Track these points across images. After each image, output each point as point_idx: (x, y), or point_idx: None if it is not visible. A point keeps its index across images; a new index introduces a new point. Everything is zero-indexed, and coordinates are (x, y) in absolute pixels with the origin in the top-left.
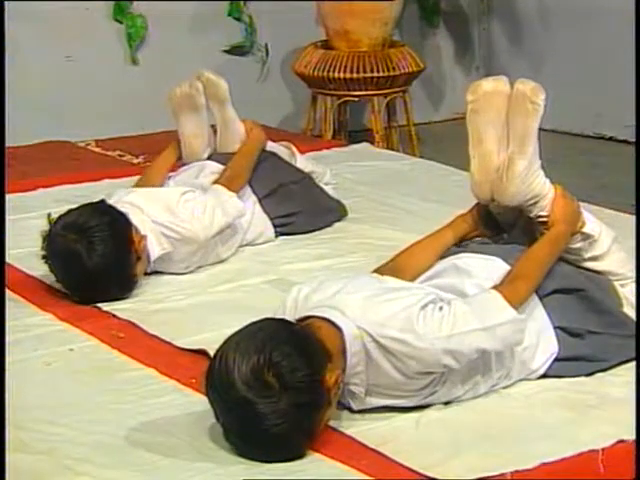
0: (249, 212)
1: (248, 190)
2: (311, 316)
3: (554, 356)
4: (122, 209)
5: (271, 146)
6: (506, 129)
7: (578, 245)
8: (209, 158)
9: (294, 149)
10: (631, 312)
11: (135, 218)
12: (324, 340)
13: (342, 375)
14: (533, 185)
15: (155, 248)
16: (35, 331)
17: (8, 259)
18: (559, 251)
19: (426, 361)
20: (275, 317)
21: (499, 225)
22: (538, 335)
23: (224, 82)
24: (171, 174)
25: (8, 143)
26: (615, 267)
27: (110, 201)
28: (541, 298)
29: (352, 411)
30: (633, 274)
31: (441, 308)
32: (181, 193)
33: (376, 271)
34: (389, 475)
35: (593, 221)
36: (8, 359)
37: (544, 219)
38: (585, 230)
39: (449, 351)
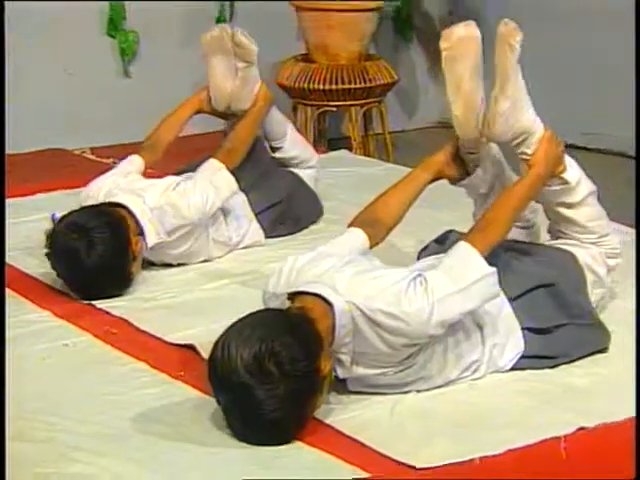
0: (244, 228)
1: (247, 207)
2: (304, 292)
3: (520, 354)
4: (124, 199)
5: (272, 113)
6: (482, 70)
7: (554, 188)
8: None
9: (291, 127)
10: (591, 275)
11: (137, 208)
12: (317, 321)
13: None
14: (520, 123)
15: (152, 236)
16: (33, 327)
17: (8, 259)
18: (535, 194)
19: (412, 333)
20: (274, 308)
21: (465, 166)
22: (507, 335)
23: (255, 46)
24: (178, 178)
25: (8, 151)
26: (583, 219)
27: (116, 185)
28: (511, 300)
29: (338, 379)
30: (601, 230)
31: (423, 282)
32: (176, 182)
33: (352, 223)
34: (365, 461)
35: (575, 168)
36: (7, 354)
37: (527, 157)
38: (564, 175)
39: (434, 321)
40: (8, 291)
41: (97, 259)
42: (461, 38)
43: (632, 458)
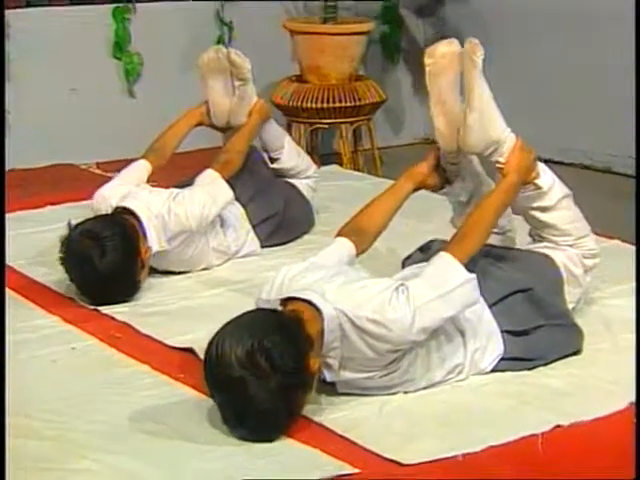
0: (242, 239)
1: (245, 220)
2: (295, 298)
3: (500, 357)
4: (133, 205)
5: (270, 127)
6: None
7: (528, 194)
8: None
9: (288, 139)
10: (568, 276)
11: (144, 215)
12: (307, 324)
13: (321, 355)
14: (490, 133)
15: (154, 244)
16: (43, 331)
17: (19, 268)
18: (510, 201)
19: (396, 339)
20: (266, 308)
21: (446, 176)
22: (487, 339)
23: (248, 64)
24: (177, 190)
25: (20, 166)
26: (560, 222)
27: (129, 192)
28: (490, 306)
29: (325, 382)
30: (578, 232)
31: (405, 290)
32: (175, 193)
33: (339, 233)
34: (354, 458)
35: (548, 174)
36: (18, 357)
37: (501, 165)
38: (537, 181)
39: (416, 328)
40: (20, 298)
41: (108, 266)
42: (444, 54)
43: (632, 458)
